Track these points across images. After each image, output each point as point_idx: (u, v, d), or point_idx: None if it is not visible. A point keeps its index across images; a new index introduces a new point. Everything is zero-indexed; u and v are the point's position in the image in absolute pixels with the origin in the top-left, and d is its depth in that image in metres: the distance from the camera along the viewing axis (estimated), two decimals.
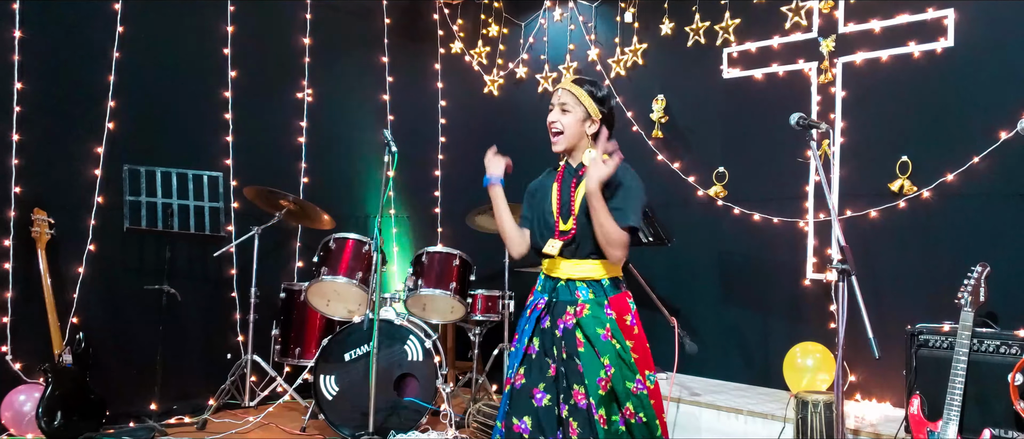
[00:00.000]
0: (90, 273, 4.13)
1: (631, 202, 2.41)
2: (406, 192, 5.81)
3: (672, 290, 4.50)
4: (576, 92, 2.49)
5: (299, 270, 5.09)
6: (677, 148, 4.66)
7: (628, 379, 2.39)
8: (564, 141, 2.50)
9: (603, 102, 2.51)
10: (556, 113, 2.51)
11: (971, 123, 3.60)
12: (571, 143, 2.50)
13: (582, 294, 2.45)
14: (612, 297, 2.46)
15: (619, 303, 2.46)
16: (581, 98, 2.48)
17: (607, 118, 2.53)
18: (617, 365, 2.38)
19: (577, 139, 2.50)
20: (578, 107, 2.48)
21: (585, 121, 2.49)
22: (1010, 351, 2.97)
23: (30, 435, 3.72)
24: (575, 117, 2.48)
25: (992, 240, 3.51)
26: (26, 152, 3.95)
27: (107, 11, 4.24)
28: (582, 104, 2.48)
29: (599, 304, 2.43)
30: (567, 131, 2.48)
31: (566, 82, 2.53)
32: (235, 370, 4.50)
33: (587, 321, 2.41)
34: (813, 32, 4.14)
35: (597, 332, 2.39)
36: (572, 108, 2.48)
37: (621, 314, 2.45)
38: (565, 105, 2.49)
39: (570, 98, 2.49)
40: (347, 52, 5.46)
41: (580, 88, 2.50)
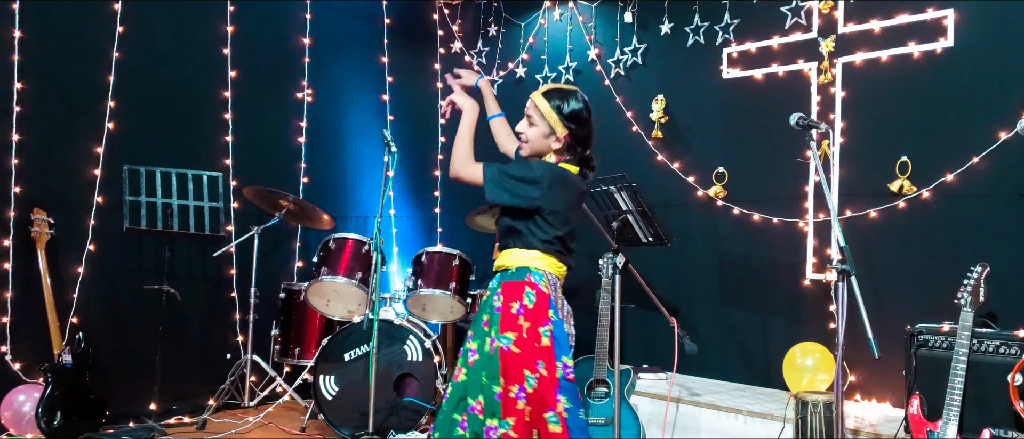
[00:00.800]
0: (90, 273, 4.13)
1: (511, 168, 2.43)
2: (406, 192, 5.81)
3: (672, 290, 4.50)
4: (541, 106, 2.47)
5: (299, 270, 5.09)
6: (677, 148, 4.66)
7: (488, 375, 2.35)
8: (527, 150, 2.53)
9: (571, 118, 2.46)
10: (523, 123, 2.52)
11: (971, 123, 3.60)
12: (534, 152, 2.52)
13: (492, 283, 2.50)
14: (505, 282, 2.43)
15: (511, 289, 2.41)
16: (545, 114, 2.46)
17: (575, 134, 2.47)
18: (481, 354, 2.39)
19: (541, 151, 2.52)
20: (542, 122, 2.47)
21: (548, 136, 2.48)
22: (1010, 351, 2.97)
23: (30, 435, 3.72)
24: (538, 131, 2.48)
25: (992, 240, 3.51)
26: (26, 152, 3.95)
27: (107, 11, 4.24)
28: (545, 120, 2.46)
29: (493, 291, 2.46)
30: (531, 143, 2.51)
31: (536, 93, 2.51)
32: (235, 370, 4.50)
33: (479, 308, 2.50)
34: (813, 32, 4.14)
35: (480, 317, 2.45)
36: (536, 121, 2.48)
37: (508, 301, 2.39)
38: (530, 117, 2.50)
39: (534, 111, 2.48)
40: (347, 52, 5.45)
41: (546, 102, 2.46)
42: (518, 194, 2.39)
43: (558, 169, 2.46)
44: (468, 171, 2.45)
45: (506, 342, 2.35)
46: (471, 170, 2.44)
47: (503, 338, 2.35)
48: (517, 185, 2.39)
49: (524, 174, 2.40)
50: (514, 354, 2.33)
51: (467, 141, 2.50)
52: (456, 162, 2.47)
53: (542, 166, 2.44)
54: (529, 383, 2.32)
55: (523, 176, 2.39)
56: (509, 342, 2.35)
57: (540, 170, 2.41)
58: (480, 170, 2.42)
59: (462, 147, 2.48)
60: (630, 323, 4.53)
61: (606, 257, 3.66)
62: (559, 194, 2.42)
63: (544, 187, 2.38)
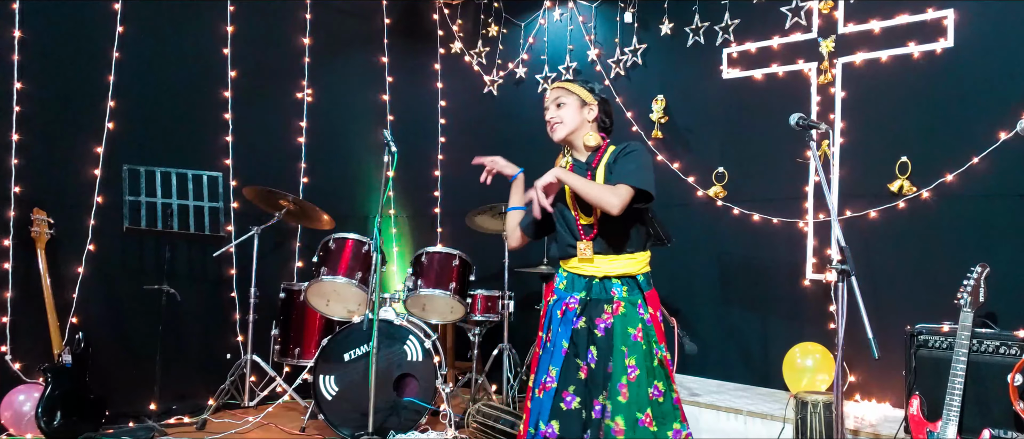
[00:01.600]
0: (90, 273, 4.13)
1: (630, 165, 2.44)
2: (406, 192, 5.81)
3: (671, 290, 4.50)
4: (566, 86, 2.59)
5: (299, 270, 5.09)
6: (677, 148, 4.66)
7: (651, 383, 2.37)
8: (564, 129, 2.55)
9: (593, 90, 2.60)
10: (552, 110, 2.58)
11: (971, 124, 3.60)
12: (571, 129, 2.55)
13: (617, 291, 2.45)
14: (648, 293, 2.48)
15: (654, 300, 2.50)
16: (573, 89, 2.57)
17: (602, 104, 2.60)
18: (643, 367, 2.36)
19: (577, 125, 2.55)
20: (571, 97, 2.56)
21: (582, 107, 2.56)
22: (1009, 351, 2.97)
23: (29, 435, 3.73)
24: (571, 106, 2.55)
25: (991, 240, 3.51)
26: (26, 152, 3.95)
27: (107, 11, 4.24)
28: (574, 93, 2.56)
29: (633, 303, 2.44)
30: (566, 120, 2.54)
31: (553, 84, 2.64)
32: (234, 370, 4.50)
33: (621, 320, 2.41)
34: (813, 32, 4.14)
35: (628, 332, 2.39)
36: (566, 100, 2.56)
37: (655, 311, 2.48)
38: (559, 100, 2.57)
39: (561, 92, 2.58)
40: (347, 52, 5.46)
41: (569, 82, 2.61)
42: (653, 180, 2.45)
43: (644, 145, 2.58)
44: (623, 194, 2.37)
45: (663, 351, 2.43)
46: (623, 192, 2.37)
47: (661, 348, 2.42)
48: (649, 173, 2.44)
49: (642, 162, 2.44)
50: (667, 359, 2.44)
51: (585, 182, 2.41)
52: (610, 200, 2.36)
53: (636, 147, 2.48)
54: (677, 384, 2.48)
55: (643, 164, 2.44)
56: (664, 351, 2.44)
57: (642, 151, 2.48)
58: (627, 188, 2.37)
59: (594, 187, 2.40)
60: None
61: None
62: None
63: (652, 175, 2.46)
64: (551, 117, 2.57)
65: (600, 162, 2.53)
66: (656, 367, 2.39)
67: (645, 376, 2.35)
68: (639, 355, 2.36)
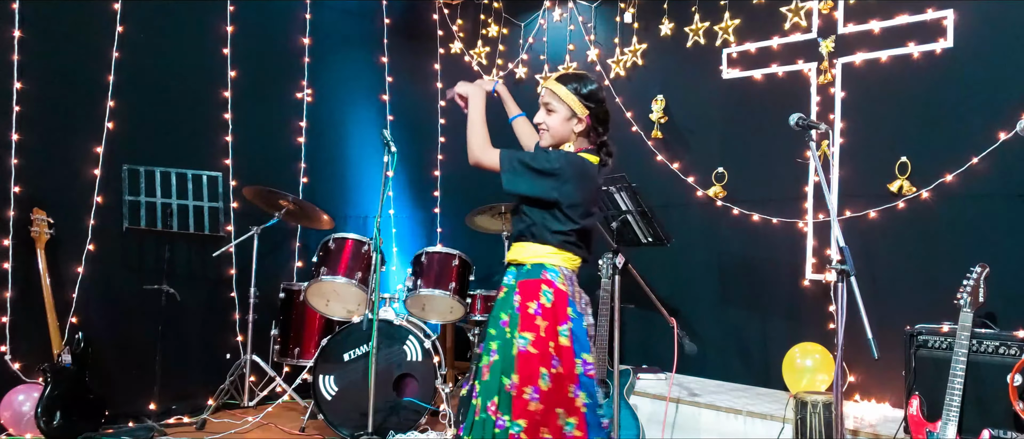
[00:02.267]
0: (89, 273, 4.13)
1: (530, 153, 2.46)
2: (406, 192, 5.81)
3: (671, 291, 4.50)
4: (558, 91, 2.45)
5: (298, 270, 5.09)
6: (676, 148, 4.67)
7: (505, 374, 2.31)
8: (549, 138, 2.50)
9: (590, 98, 2.45)
10: (541, 113, 2.51)
11: (970, 124, 3.60)
12: (557, 141, 2.49)
13: (507, 278, 2.46)
14: (522, 282, 2.38)
15: (528, 288, 2.37)
16: (564, 97, 2.44)
17: (596, 114, 2.47)
18: (501, 354, 2.33)
19: (563, 137, 2.48)
20: (561, 106, 2.45)
21: (570, 119, 2.46)
22: (1009, 352, 2.97)
23: (29, 435, 3.72)
24: (559, 116, 2.46)
25: (991, 241, 3.51)
26: (25, 152, 3.95)
27: (107, 11, 4.24)
28: (565, 103, 2.44)
29: (511, 289, 2.41)
30: (552, 130, 2.48)
31: (550, 80, 2.51)
32: (234, 370, 4.50)
33: (497, 305, 2.43)
34: (813, 33, 4.14)
35: (499, 316, 2.39)
36: (556, 107, 2.46)
37: (525, 301, 2.35)
38: (548, 105, 2.48)
39: (552, 97, 2.47)
40: (347, 52, 5.46)
41: (563, 86, 2.45)
42: (536, 185, 2.36)
43: (577, 159, 2.41)
44: (488, 157, 2.40)
45: (524, 342, 2.31)
46: (490, 156, 2.39)
47: (522, 338, 2.31)
48: (536, 177, 2.35)
49: (542, 165, 2.35)
50: (531, 354, 2.30)
51: (481, 124, 2.47)
52: (474, 148, 2.43)
53: (561, 156, 2.40)
54: (544, 382, 2.29)
55: (541, 167, 2.35)
56: (527, 342, 2.31)
57: (559, 161, 2.37)
58: (497, 156, 2.38)
59: (477, 131, 2.46)
60: (630, 323, 4.53)
61: (606, 257, 3.66)
62: (579, 186, 2.38)
63: (563, 179, 2.34)
64: (539, 121, 2.50)
65: None
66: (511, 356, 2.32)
67: (501, 363, 2.32)
68: (500, 341, 2.35)
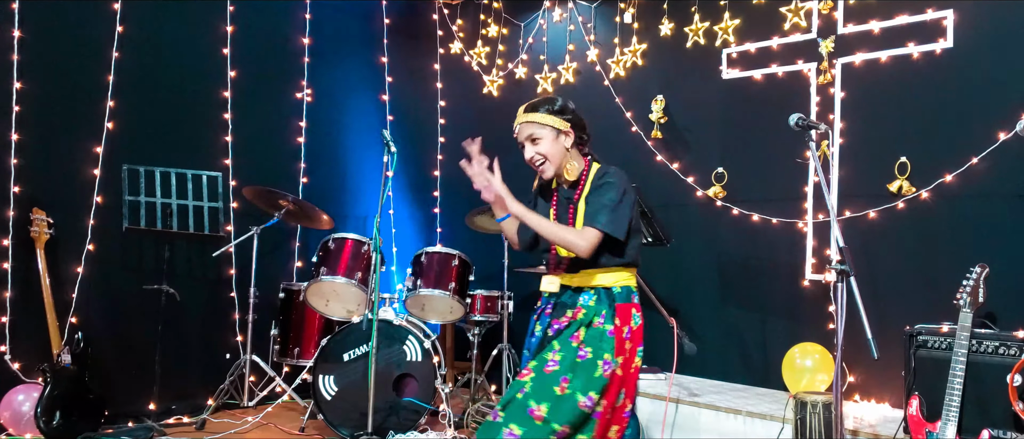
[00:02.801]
0: (89, 273, 4.13)
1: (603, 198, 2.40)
2: (405, 192, 5.81)
3: (671, 291, 4.50)
4: (535, 118, 2.48)
5: (298, 270, 5.09)
6: (676, 149, 4.67)
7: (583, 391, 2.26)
8: (551, 167, 2.50)
9: (563, 111, 2.50)
10: (529, 150, 2.50)
11: (970, 124, 3.60)
12: (558, 164, 2.50)
13: (584, 299, 2.43)
14: (619, 304, 2.40)
15: (624, 312, 2.40)
16: (542, 122, 2.47)
17: (575, 122, 2.51)
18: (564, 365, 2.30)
19: (561, 157, 2.50)
20: (544, 130, 2.47)
21: (558, 138, 2.48)
22: (1009, 352, 2.97)
23: (29, 435, 3.72)
24: (547, 140, 2.48)
25: (991, 241, 3.51)
26: (25, 152, 3.95)
27: (107, 11, 4.24)
28: (546, 125, 2.47)
29: (598, 312, 2.39)
30: (549, 156, 2.48)
31: (520, 117, 2.53)
32: (234, 370, 4.50)
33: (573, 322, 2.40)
34: (812, 33, 4.14)
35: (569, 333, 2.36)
36: (539, 133, 2.48)
37: (622, 324, 2.38)
38: (532, 135, 2.49)
39: (532, 126, 2.48)
40: (347, 52, 5.46)
41: (535, 113, 2.49)
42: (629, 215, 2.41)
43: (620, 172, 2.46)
44: (590, 238, 2.36)
45: (615, 365, 2.32)
46: (590, 237, 2.36)
47: (615, 362, 2.32)
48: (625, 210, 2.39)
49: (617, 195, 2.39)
50: (617, 376, 2.33)
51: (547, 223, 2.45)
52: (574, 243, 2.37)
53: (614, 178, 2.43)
54: (618, 400, 2.35)
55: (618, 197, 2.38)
56: (617, 365, 2.33)
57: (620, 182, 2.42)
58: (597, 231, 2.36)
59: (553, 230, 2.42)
60: None
61: None
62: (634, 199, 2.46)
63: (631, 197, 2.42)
64: (531, 157, 2.50)
65: (582, 193, 2.49)
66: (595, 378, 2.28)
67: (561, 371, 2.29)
68: (567, 353, 2.32)
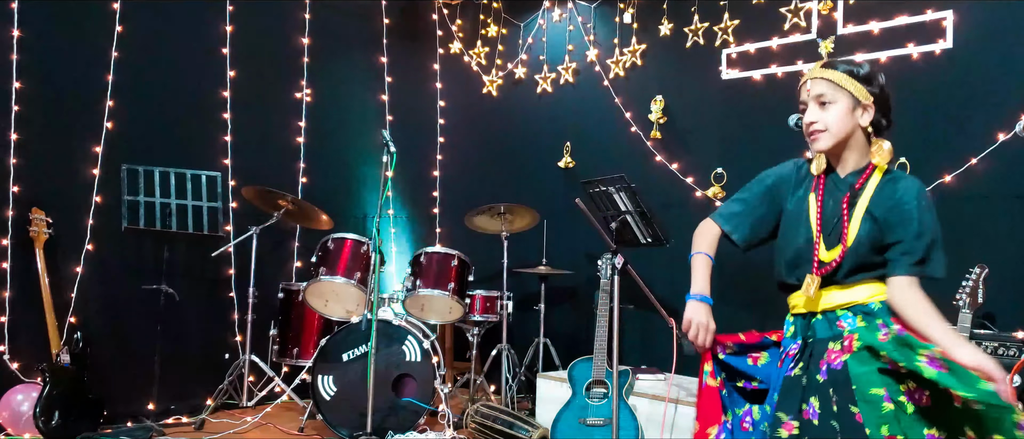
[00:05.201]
0: (88, 273, 4.13)
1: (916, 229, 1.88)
2: (405, 192, 5.81)
3: (670, 291, 4.49)
4: (833, 77, 1.95)
5: (297, 270, 5.08)
6: (675, 149, 4.66)
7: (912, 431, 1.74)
8: (829, 138, 1.96)
9: (870, 81, 1.96)
10: (813, 111, 1.98)
11: (969, 125, 3.60)
12: (838, 139, 1.96)
13: (847, 323, 1.94)
14: (895, 318, 1.89)
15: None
16: (841, 83, 1.94)
17: (880, 99, 1.96)
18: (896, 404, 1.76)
19: (847, 133, 1.96)
20: (841, 93, 1.94)
21: (854, 110, 1.95)
22: (1008, 353, 2.97)
23: (28, 435, 3.72)
24: (840, 109, 1.94)
25: (990, 242, 3.51)
26: (24, 151, 3.95)
27: (106, 11, 4.23)
28: (844, 89, 1.94)
29: (872, 333, 1.87)
30: (832, 128, 1.95)
31: (815, 70, 2.01)
32: (233, 370, 4.49)
33: (858, 358, 1.85)
34: (812, 33, 4.14)
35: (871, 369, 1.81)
36: (833, 96, 1.95)
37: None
38: (822, 97, 1.96)
39: (827, 87, 1.96)
40: (346, 52, 5.46)
41: (835, 71, 1.96)
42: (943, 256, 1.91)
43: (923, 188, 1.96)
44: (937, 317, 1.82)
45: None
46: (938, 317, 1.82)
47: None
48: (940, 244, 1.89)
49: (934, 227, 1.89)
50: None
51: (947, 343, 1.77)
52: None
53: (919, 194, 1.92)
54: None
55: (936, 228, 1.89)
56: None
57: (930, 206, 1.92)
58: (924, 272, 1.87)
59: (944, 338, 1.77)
60: (629, 324, 4.52)
61: (605, 258, 3.66)
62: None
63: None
64: (811, 121, 1.97)
65: (865, 185, 1.97)
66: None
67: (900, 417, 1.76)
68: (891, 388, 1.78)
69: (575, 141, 5.17)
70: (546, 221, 4.75)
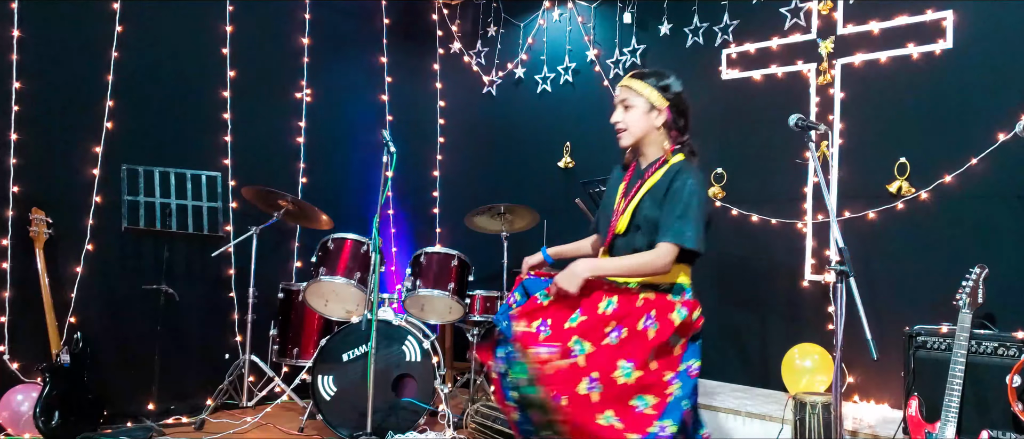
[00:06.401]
0: (88, 273, 4.13)
1: (676, 208, 2.36)
2: (405, 192, 5.81)
3: None
4: (634, 85, 2.46)
5: (297, 270, 5.08)
6: None
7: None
8: (628, 137, 2.48)
9: (666, 89, 2.45)
10: (618, 112, 2.49)
11: (969, 125, 3.60)
12: (637, 137, 2.48)
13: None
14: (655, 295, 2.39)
15: (660, 304, 2.39)
16: (640, 90, 2.44)
17: (676, 104, 2.46)
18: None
19: (643, 132, 2.48)
20: (639, 99, 2.44)
21: (649, 112, 2.45)
22: (1008, 353, 2.97)
23: (27, 435, 3.72)
24: (638, 110, 2.45)
25: (990, 242, 3.51)
26: (24, 151, 3.94)
27: (106, 11, 4.23)
28: (642, 96, 2.44)
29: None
30: (630, 128, 2.47)
31: (625, 78, 2.52)
32: (233, 370, 4.49)
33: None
34: (812, 33, 4.14)
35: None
36: (633, 101, 2.45)
37: (663, 313, 2.38)
38: (626, 101, 2.47)
39: (628, 93, 2.46)
40: (346, 52, 5.46)
41: (639, 80, 2.46)
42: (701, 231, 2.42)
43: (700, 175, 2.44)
44: (664, 258, 2.34)
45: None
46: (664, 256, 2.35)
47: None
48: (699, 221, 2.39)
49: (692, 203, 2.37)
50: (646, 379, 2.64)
51: (624, 265, 2.40)
52: (657, 268, 2.36)
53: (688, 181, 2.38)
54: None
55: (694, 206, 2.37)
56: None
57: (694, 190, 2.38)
58: (669, 248, 2.33)
59: (634, 267, 2.38)
60: None
61: None
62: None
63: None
64: (615, 121, 2.49)
65: (653, 174, 2.47)
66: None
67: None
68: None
69: (575, 141, 5.17)
70: (546, 221, 4.75)
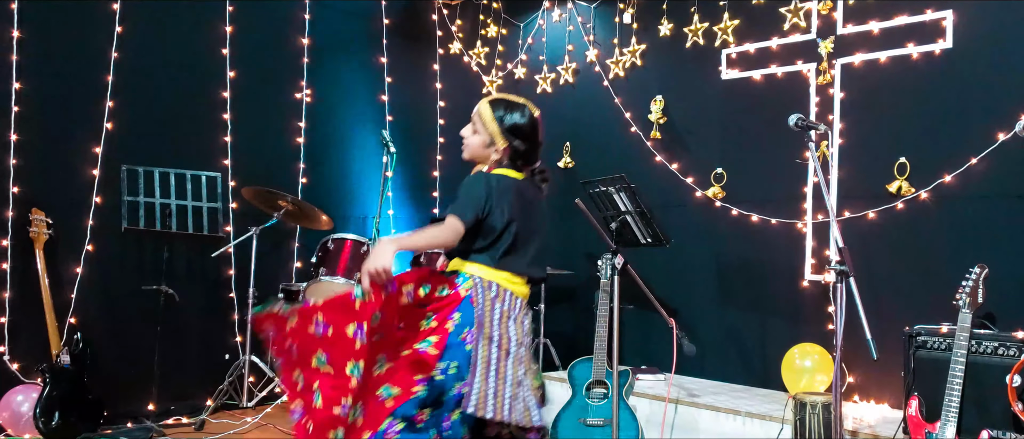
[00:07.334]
0: (88, 273, 4.13)
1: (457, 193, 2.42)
2: (404, 192, 5.81)
3: (670, 291, 4.50)
4: (484, 114, 2.46)
5: (297, 270, 5.08)
6: (675, 149, 4.66)
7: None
8: (467, 154, 2.55)
9: (513, 131, 2.42)
10: (467, 127, 2.53)
11: (969, 125, 3.60)
12: (474, 159, 2.54)
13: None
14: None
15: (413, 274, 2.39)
16: (486, 123, 2.45)
17: (516, 149, 2.43)
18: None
19: (480, 159, 2.52)
20: (483, 131, 2.46)
21: (488, 146, 2.47)
22: (1008, 352, 2.97)
23: (28, 435, 3.72)
24: (479, 139, 2.48)
25: (990, 242, 3.51)
26: (24, 152, 3.95)
27: (106, 11, 4.23)
28: (487, 129, 2.45)
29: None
30: (470, 149, 2.51)
31: (484, 99, 2.51)
32: (233, 371, 4.49)
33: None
34: (812, 33, 4.14)
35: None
36: (479, 129, 2.48)
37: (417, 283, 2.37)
38: (474, 124, 2.50)
39: (479, 119, 2.48)
40: (346, 52, 5.45)
41: (491, 111, 2.45)
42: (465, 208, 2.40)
43: (487, 177, 2.43)
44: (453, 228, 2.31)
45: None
46: (450, 225, 2.32)
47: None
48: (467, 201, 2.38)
49: (465, 190, 2.40)
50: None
51: (422, 237, 2.41)
52: (447, 240, 2.33)
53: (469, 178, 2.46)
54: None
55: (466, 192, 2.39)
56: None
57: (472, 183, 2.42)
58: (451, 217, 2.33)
59: (429, 238, 2.39)
60: (628, 324, 4.53)
61: (605, 258, 3.66)
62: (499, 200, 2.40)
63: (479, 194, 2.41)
64: (463, 133, 2.53)
65: None
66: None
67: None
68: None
69: (575, 141, 5.17)
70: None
